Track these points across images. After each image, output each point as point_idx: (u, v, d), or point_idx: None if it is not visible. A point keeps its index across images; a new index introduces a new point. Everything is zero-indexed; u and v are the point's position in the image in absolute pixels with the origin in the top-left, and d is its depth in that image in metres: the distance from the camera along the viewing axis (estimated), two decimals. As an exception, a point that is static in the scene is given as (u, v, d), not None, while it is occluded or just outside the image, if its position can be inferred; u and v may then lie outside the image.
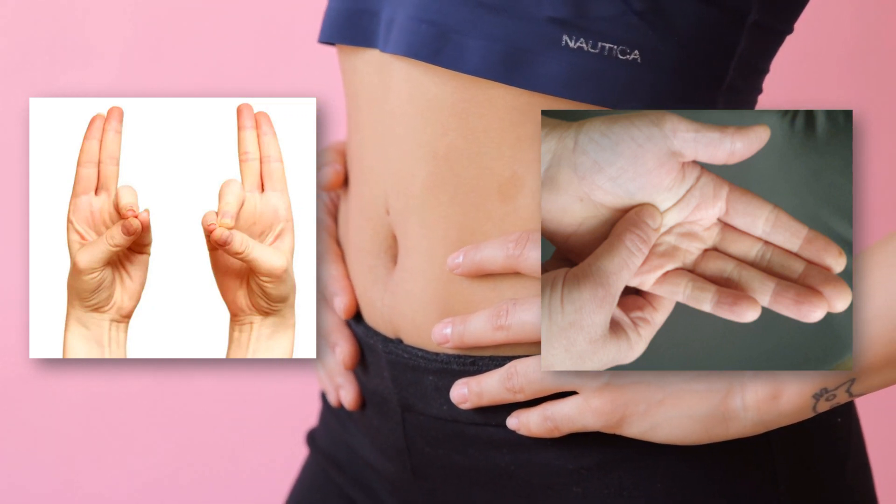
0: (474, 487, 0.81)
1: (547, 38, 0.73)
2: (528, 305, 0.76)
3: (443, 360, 0.80)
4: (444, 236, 0.78)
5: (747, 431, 0.74)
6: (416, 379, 0.81)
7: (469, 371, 0.79)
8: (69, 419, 1.59)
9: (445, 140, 0.76)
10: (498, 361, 0.78)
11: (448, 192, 0.77)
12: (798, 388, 0.73)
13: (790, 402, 0.73)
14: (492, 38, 0.74)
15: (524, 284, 0.77)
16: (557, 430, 0.76)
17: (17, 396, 1.57)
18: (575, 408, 0.75)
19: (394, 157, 0.79)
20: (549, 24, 0.73)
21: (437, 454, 0.82)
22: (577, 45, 0.73)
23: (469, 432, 0.80)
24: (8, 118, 1.50)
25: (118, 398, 1.58)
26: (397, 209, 0.80)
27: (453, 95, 0.76)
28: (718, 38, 0.76)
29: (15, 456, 1.60)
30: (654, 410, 0.74)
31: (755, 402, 0.73)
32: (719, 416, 0.74)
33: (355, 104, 0.83)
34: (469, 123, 0.76)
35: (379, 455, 0.87)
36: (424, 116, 0.77)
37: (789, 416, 0.74)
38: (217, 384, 1.57)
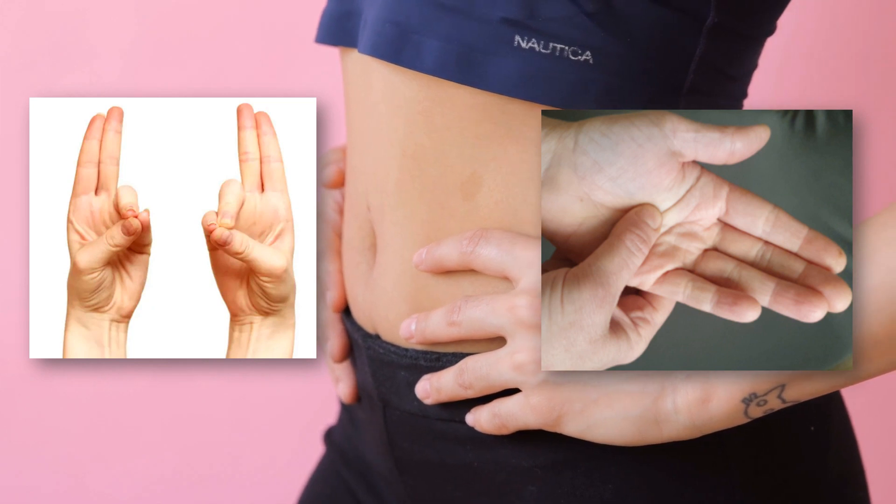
0: (447, 483, 0.82)
1: (499, 38, 0.74)
2: (478, 302, 0.76)
3: (412, 355, 0.80)
4: (413, 233, 0.79)
5: (681, 435, 0.74)
6: (391, 374, 0.82)
7: (434, 367, 0.80)
8: (69, 419, 1.59)
9: (413, 139, 0.77)
10: (459, 357, 0.79)
11: (416, 190, 0.78)
12: (727, 392, 0.72)
13: (720, 407, 0.72)
14: (447, 39, 0.75)
15: (484, 281, 0.77)
16: (505, 428, 0.77)
17: (17, 396, 1.57)
18: (517, 405, 0.76)
19: (373, 156, 0.80)
20: (502, 24, 0.73)
21: (414, 449, 0.83)
22: (528, 45, 0.74)
23: (438, 428, 0.81)
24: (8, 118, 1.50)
25: (118, 398, 1.58)
26: (375, 206, 0.81)
27: (418, 94, 0.77)
28: (674, 41, 0.75)
29: (15, 456, 1.59)
30: (590, 410, 0.74)
31: (686, 405, 0.73)
32: (651, 418, 0.73)
33: (347, 104, 0.84)
34: (433, 122, 0.77)
35: (372, 449, 0.88)
36: (396, 115, 0.78)
37: (721, 420, 0.73)
38: (217, 384, 1.56)
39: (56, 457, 1.60)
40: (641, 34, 0.74)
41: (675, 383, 0.73)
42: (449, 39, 0.75)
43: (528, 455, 0.78)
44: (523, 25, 0.73)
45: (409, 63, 0.76)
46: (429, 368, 0.80)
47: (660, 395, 0.73)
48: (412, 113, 0.77)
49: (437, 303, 0.79)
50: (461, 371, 0.78)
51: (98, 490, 1.60)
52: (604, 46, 0.74)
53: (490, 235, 0.76)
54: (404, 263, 0.80)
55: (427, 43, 0.75)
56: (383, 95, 0.78)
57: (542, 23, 0.73)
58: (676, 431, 0.74)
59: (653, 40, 0.75)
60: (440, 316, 0.78)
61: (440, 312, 0.78)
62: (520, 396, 0.76)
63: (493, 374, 0.76)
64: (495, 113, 0.75)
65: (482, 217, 0.77)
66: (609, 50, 0.74)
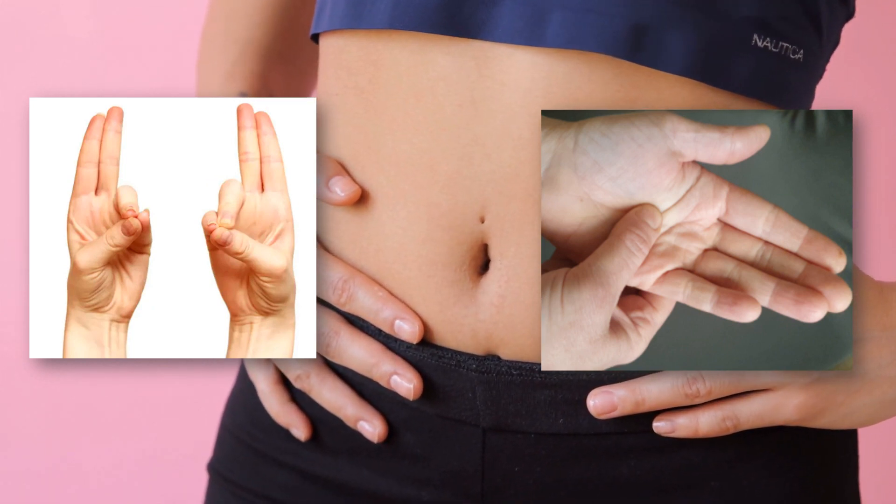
0: (569, 502, 0.80)
1: (741, 37, 0.73)
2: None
3: (566, 371, 0.77)
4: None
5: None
6: (521, 395, 0.78)
7: (602, 380, 0.78)
8: (69, 419, 1.59)
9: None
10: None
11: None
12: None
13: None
14: (690, 36, 0.73)
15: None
16: (735, 429, 0.77)
17: (17, 396, 1.57)
18: (768, 405, 0.77)
19: (505, 160, 0.75)
20: (744, 22, 0.73)
21: (531, 472, 0.80)
22: (763, 44, 0.74)
23: (587, 444, 0.79)
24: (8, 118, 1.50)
25: (118, 398, 1.58)
26: (504, 216, 0.76)
27: (616, 94, 0.73)
28: (837, 38, 0.80)
29: (15, 456, 1.60)
30: (851, 400, 0.77)
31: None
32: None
33: (428, 103, 0.76)
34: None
35: (400, 484, 0.83)
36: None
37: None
38: (217, 384, 1.56)
39: (56, 456, 1.60)
40: (830, 33, 0.78)
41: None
42: (691, 37, 0.73)
43: (718, 449, 0.79)
44: (763, 24, 0.73)
45: (648, 61, 0.72)
46: (592, 382, 0.77)
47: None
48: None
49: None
50: (692, 380, 0.77)
51: (98, 490, 1.61)
52: (811, 45, 0.76)
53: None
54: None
55: (667, 39, 0.72)
56: (545, 94, 0.73)
57: (778, 22, 0.74)
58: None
59: (831, 38, 0.79)
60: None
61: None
62: (772, 397, 0.77)
63: (745, 378, 0.77)
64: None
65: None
66: (813, 48, 0.76)
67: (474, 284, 0.78)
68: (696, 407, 0.77)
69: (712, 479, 0.79)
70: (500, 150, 0.75)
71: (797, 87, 0.76)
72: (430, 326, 0.79)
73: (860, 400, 0.77)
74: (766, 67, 0.74)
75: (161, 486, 1.60)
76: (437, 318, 0.79)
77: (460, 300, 0.78)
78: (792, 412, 0.77)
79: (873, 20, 1.48)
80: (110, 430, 1.60)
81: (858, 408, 0.78)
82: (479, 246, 0.77)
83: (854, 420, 0.78)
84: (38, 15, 1.51)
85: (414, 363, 0.80)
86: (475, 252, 0.77)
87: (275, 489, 0.88)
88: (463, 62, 0.75)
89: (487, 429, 0.80)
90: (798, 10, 0.75)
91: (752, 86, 0.74)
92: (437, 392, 0.80)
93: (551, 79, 0.73)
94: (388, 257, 0.80)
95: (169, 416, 1.59)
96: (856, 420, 0.78)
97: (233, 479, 0.91)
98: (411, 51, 0.76)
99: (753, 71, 0.74)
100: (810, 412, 0.77)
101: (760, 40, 0.74)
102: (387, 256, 0.80)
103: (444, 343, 0.79)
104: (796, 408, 0.77)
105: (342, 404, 0.83)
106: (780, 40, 0.74)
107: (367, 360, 0.81)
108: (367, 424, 0.83)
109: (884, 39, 1.48)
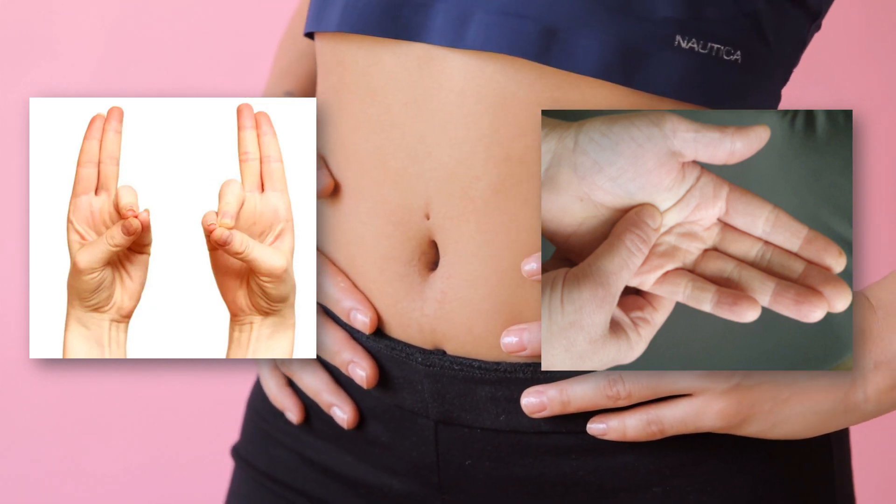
0: (523, 498, 0.80)
1: (661, 37, 0.72)
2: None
3: (504, 369, 0.78)
4: (512, 241, 0.76)
5: (862, 420, 0.76)
6: (465, 390, 0.79)
7: (539, 379, 0.77)
8: (69, 419, 1.59)
9: (523, 141, 0.74)
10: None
11: (521, 196, 0.75)
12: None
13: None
14: (606, 38, 0.72)
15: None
16: (661, 434, 0.76)
17: (17, 396, 1.57)
18: (691, 410, 0.75)
19: (444, 159, 0.76)
20: (664, 23, 0.72)
21: (481, 467, 0.81)
22: (688, 45, 0.73)
23: (529, 442, 0.79)
24: (8, 118, 1.50)
25: (118, 398, 1.58)
26: (445, 213, 0.77)
27: (541, 96, 0.73)
28: (797, 40, 0.78)
29: (15, 456, 1.60)
30: (779, 408, 0.75)
31: (876, 394, 0.75)
32: (841, 410, 0.75)
33: (380, 102, 0.78)
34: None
35: (377, 472, 0.85)
36: (496, 116, 0.74)
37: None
38: (217, 384, 1.57)
39: (56, 456, 1.60)
40: (779, 33, 0.75)
41: (864, 373, 0.75)
42: (607, 38, 0.72)
43: (656, 456, 0.77)
44: (685, 25, 0.72)
45: (559, 63, 0.72)
46: (529, 381, 0.78)
47: (851, 387, 0.75)
48: (526, 115, 0.74)
49: (539, 313, 0.76)
50: (613, 381, 0.76)
51: (97, 489, 1.61)
52: (751, 46, 0.74)
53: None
54: (500, 274, 0.76)
55: (581, 42, 0.72)
56: (477, 95, 0.74)
57: (704, 23, 0.73)
58: (860, 418, 0.76)
59: (785, 39, 0.76)
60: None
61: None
62: (694, 402, 0.75)
63: (663, 381, 0.75)
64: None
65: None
66: (755, 50, 0.74)
67: (423, 280, 0.79)
68: (623, 410, 0.77)
69: (655, 484, 0.78)
70: (439, 149, 0.76)
71: (736, 88, 0.74)
72: (385, 319, 0.82)
73: (790, 409, 0.75)
74: (691, 69, 0.73)
75: (161, 486, 1.60)
76: (390, 311, 0.81)
77: (409, 294, 0.80)
78: (714, 418, 0.75)
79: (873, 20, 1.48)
80: (110, 430, 1.60)
81: (789, 417, 0.75)
82: (427, 242, 0.79)
83: (787, 430, 0.75)
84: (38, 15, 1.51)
85: (374, 353, 0.82)
86: (424, 248, 0.79)
87: (278, 468, 0.90)
88: (407, 63, 0.77)
89: (438, 421, 0.81)
90: (731, 10, 0.73)
91: (676, 87, 0.73)
92: (393, 383, 0.82)
93: (481, 80, 0.74)
94: (352, 250, 0.82)
95: (169, 416, 1.59)
96: (788, 430, 0.75)
97: (247, 458, 0.94)
98: (365, 52, 0.78)
99: (678, 72, 0.73)
100: (734, 419, 0.75)
101: (685, 41, 0.72)
102: (351, 249, 0.82)
103: (397, 336, 0.81)
104: (718, 414, 0.75)
105: (319, 389, 0.86)
106: (709, 41, 0.73)
107: (332, 347, 0.84)
108: (339, 410, 0.85)
109: (884, 39, 1.48)
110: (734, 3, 0.73)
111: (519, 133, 0.74)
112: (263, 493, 0.92)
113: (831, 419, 0.75)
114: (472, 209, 0.76)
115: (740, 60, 0.74)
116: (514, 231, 0.75)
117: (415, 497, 0.83)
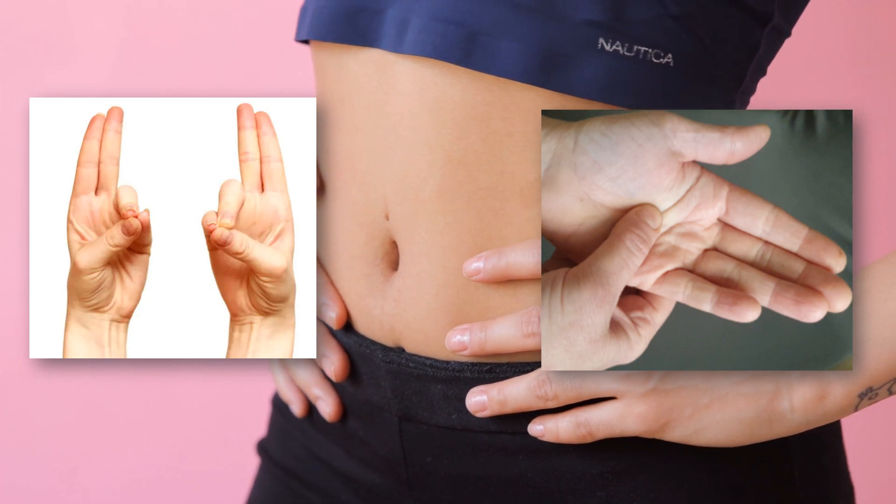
0: (482, 496, 0.81)
1: (583, 40, 0.73)
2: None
3: (454, 368, 0.79)
4: (457, 242, 0.77)
5: (791, 431, 0.75)
6: (420, 388, 0.80)
7: (485, 378, 0.78)
8: (69, 419, 1.59)
9: (464, 144, 0.75)
10: (517, 368, 0.77)
11: (463, 197, 0.76)
12: (845, 389, 0.74)
13: (835, 402, 0.74)
14: (526, 41, 0.73)
15: (535, 288, 0.77)
16: (591, 437, 0.76)
17: (17, 396, 1.57)
18: (615, 413, 0.75)
19: (397, 161, 0.78)
20: (586, 26, 0.72)
21: (441, 464, 0.81)
22: (612, 48, 0.73)
23: (481, 441, 0.80)
24: (8, 118, 1.50)
25: (118, 398, 1.58)
26: (400, 214, 0.79)
27: (475, 98, 0.75)
28: (744, 43, 0.77)
29: (15, 456, 1.60)
30: (700, 414, 0.74)
31: (802, 403, 0.74)
32: (766, 418, 0.74)
33: (348, 105, 0.81)
34: (491, 127, 0.75)
35: (362, 467, 0.86)
36: (440, 119, 0.76)
37: (833, 415, 0.74)
38: (217, 384, 1.57)
39: (56, 457, 1.60)
40: (717, 36, 0.75)
41: (790, 382, 0.74)
42: (527, 42, 0.73)
43: (598, 461, 0.77)
44: (608, 27, 0.72)
45: (481, 66, 0.73)
46: (476, 380, 0.78)
47: (775, 396, 0.74)
48: (464, 118, 0.75)
49: (489, 313, 0.77)
50: (541, 382, 0.76)
51: (97, 489, 1.61)
52: (684, 49, 0.74)
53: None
54: (447, 274, 0.78)
55: (502, 45, 0.73)
56: (420, 98, 0.76)
57: (627, 25, 0.73)
58: (788, 429, 0.75)
59: (726, 42, 0.76)
60: (511, 326, 0.76)
61: (509, 322, 0.76)
62: (618, 404, 0.75)
63: (586, 384, 0.75)
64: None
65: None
66: (688, 52, 0.74)
67: (386, 279, 0.81)
68: (558, 412, 0.77)
69: (599, 489, 0.78)
70: (393, 152, 0.78)
71: (669, 91, 0.74)
72: (353, 316, 0.84)
73: (711, 416, 0.74)
74: (616, 71, 0.73)
75: (161, 486, 1.60)
76: (357, 308, 0.84)
77: (372, 292, 0.82)
78: (635, 422, 0.75)
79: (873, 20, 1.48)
80: (110, 431, 1.60)
81: (711, 423, 0.74)
82: (389, 242, 0.81)
83: (710, 437, 0.75)
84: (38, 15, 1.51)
85: (346, 348, 0.85)
86: (387, 248, 0.81)
87: (290, 459, 0.93)
88: (367, 68, 0.79)
89: (401, 418, 0.82)
90: (658, 12, 0.73)
91: (601, 89, 0.73)
92: (362, 378, 0.84)
93: (422, 83, 0.76)
94: (328, 248, 0.85)
95: (169, 416, 1.59)
96: (711, 437, 0.74)
97: (267, 451, 0.96)
98: (336, 58, 0.82)
99: (602, 74, 0.73)
100: (654, 424, 0.74)
101: (608, 44, 0.73)
102: (329, 247, 0.85)
103: (363, 332, 0.84)
104: (638, 417, 0.74)
105: (309, 384, 0.88)
106: (635, 44, 0.73)
107: (303, 380, 0.89)
108: (323, 403, 0.87)
109: (884, 39, 1.48)
110: (659, 5, 0.73)
111: (459, 135, 0.75)
112: (279, 486, 0.94)
113: (756, 428, 0.74)
114: (421, 210, 0.77)
115: (672, 63, 0.74)
116: (457, 232, 0.77)
117: (391, 492, 0.85)
